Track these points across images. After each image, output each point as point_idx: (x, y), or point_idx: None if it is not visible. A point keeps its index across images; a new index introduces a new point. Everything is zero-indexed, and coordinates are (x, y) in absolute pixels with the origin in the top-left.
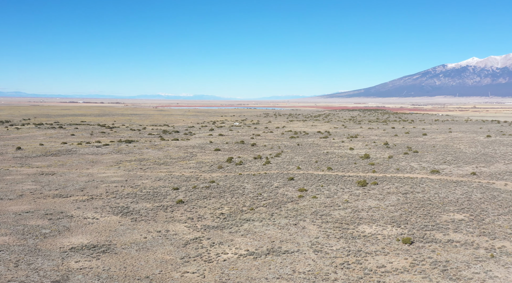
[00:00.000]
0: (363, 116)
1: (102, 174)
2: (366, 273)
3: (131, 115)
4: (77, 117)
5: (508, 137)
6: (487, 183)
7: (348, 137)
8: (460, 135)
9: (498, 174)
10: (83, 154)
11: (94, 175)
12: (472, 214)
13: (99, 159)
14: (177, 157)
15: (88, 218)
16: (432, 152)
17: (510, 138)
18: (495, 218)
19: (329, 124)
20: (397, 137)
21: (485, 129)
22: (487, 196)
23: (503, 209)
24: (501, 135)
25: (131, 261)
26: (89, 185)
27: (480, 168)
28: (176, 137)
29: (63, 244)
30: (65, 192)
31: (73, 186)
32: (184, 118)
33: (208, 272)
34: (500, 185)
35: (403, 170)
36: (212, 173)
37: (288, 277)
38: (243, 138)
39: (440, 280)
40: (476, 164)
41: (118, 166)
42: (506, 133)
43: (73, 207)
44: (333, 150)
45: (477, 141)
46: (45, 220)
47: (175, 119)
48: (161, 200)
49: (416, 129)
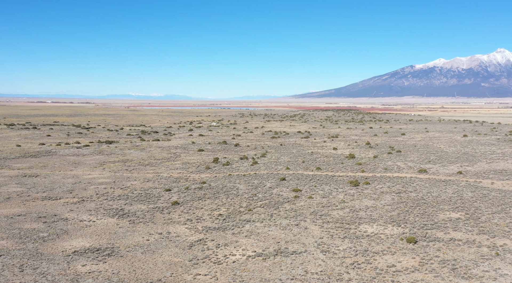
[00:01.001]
0: (338, 116)
1: (88, 176)
2: (378, 272)
3: (104, 115)
4: (49, 118)
5: (484, 136)
6: (474, 182)
7: (329, 137)
8: (438, 135)
9: (483, 173)
10: (64, 155)
11: (80, 177)
12: (468, 213)
13: (81, 160)
14: (161, 157)
15: (84, 220)
16: (415, 151)
17: (486, 137)
18: (490, 216)
19: (307, 125)
20: (377, 137)
21: (460, 129)
22: (478, 195)
23: (496, 207)
24: (476, 135)
25: (139, 264)
26: (77, 187)
27: (464, 167)
28: (157, 138)
29: (65, 248)
30: (53, 194)
31: (61, 188)
32: (159, 118)
33: (220, 274)
34: (487, 183)
35: (391, 169)
36: (200, 174)
37: (302, 278)
38: (225, 138)
39: (453, 279)
40: (460, 163)
41: (102, 167)
42: (481, 133)
43: (65, 209)
44: (317, 150)
45: (455, 141)
46: (40, 223)
47: (151, 120)
48: (155, 202)
49: (394, 129)
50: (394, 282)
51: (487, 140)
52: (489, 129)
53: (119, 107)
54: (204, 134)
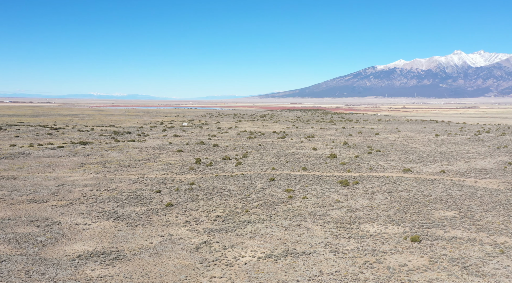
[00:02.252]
0: (307, 117)
1: (69, 178)
2: (392, 272)
3: (70, 115)
4: (11, 118)
5: (455, 136)
6: (459, 181)
7: (305, 137)
8: (410, 134)
9: (465, 172)
10: (39, 157)
11: (61, 179)
12: (461, 211)
13: (58, 162)
14: (140, 158)
15: (79, 224)
16: (393, 151)
17: (457, 137)
18: (483, 214)
19: (279, 125)
20: (352, 137)
21: (429, 128)
22: (466, 193)
23: (486, 205)
24: (447, 135)
25: (150, 267)
26: (62, 189)
27: (445, 166)
28: (131, 138)
29: (67, 252)
30: (38, 197)
31: (45, 191)
32: (128, 118)
33: (235, 276)
34: (471, 182)
35: (376, 169)
36: (186, 175)
37: (319, 279)
38: (201, 139)
39: (467, 277)
40: (440, 162)
41: (82, 169)
42: (452, 132)
43: (55, 212)
44: (297, 150)
45: (429, 140)
46: (34, 227)
47: (120, 120)
48: (148, 204)
49: (366, 129)
50: (410, 281)
51: (459, 140)
52: (458, 129)
53: (83, 107)
54: (179, 135)
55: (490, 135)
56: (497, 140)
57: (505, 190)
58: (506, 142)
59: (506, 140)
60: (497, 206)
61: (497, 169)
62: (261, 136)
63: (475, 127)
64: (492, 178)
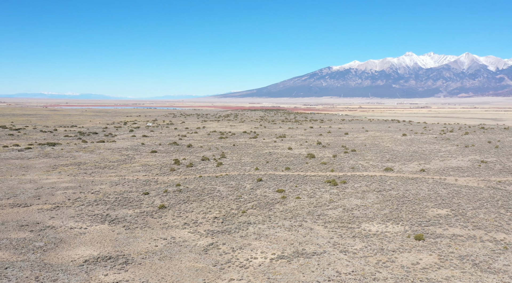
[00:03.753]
0: (271, 116)
1: (46, 180)
2: (407, 270)
3: (25, 115)
4: None
5: (421, 135)
6: (440, 179)
7: (277, 137)
8: (378, 134)
9: (442, 170)
10: (7, 159)
11: (38, 181)
12: (453, 209)
13: (29, 164)
14: (115, 160)
15: (74, 228)
16: (368, 150)
17: (424, 136)
18: (475, 212)
19: (246, 125)
20: (323, 137)
21: (394, 128)
22: (452, 192)
23: (474, 203)
24: (414, 134)
25: (164, 271)
26: (43, 192)
27: (423, 165)
28: (100, 139)
29: (72, 257)
30: (20, 200)
31: (24, 194)
32: (89, 119)
33: (254, 278)
34: (452, 180)
35: (357, 168)
36: (168, 176)
37: (339, 279)
38: (172, 139)
39: (481, 274)
40: (417, 161)
41: (57, 171)
42: (418, 132)
43: (44, 216)
44: (273, 150)
45: (399, 140)
46: (27, 232)
47: (80, 120)
48: (139, 206)
49: (334, 129)
50: (428, 279)
51: (427, 139)
52: (421, 128)
53: (36, 107)
54: (148, 135)
55: (455, 135)
56: (462, 140)
57: (486, 188)
58: (471, 141)
59: (471, 140)
60: (485, 204)
61: (472, 167)
62: (232, 137)
63: (437, 127)
64: (470, 176)
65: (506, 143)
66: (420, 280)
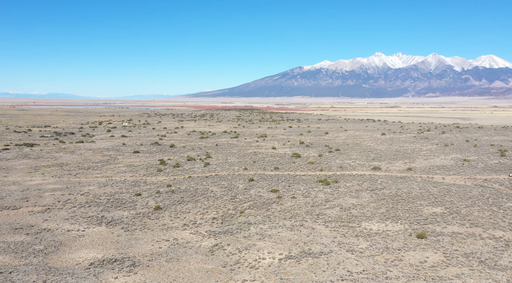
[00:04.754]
0: (247, 116)
1: (31, 182)
2: (416, 268)
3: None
4: None
5: (400, 135)
6: (428, 178)
7: (258, 137)
8: (358, 133)
9: (428, 169)
10: None
11: (23, 183)
12: (447, 207)
13: (9, 165)
14: (98, 160)
15: (71, 230)
16: (352, 150)
17: (402, 135)
18: (468, 209)
19: (224, 124)
20: (304, 137)
21: (371, 127)
22: (442, 190)
23: (465, 201)
24: (392, 133)
25: (173, 273)
26: (30, 194)
27: (408, 164)
28: (78, 139)
29: (76, 260)
30: (7, 202)
31: (11, 196)
32: (63, 119)
33: (267, 279)
34: (439, 178)
35: (345, 167)
36: (156, 177)
37: (352, 278)
38: (152, 139)
39: (490, 271)
40: (402, 160)
41: (40, 172)
42: (396, 131)
43: (37, 219)
44: (257, 150)
45: (379, 139)
46: (23, 235)
47: (53, 120)
48: (133, 207)
49: (313, 128)
50: (440, 277)
51: (406, 138)
52: (398, 127)
53: (3, 106)
54: (127, 135)
55: (432, 134)
56: (441, 139)
57: (473, 186)
58: (449, 140)
59: (449, 139)
60: (477, 202)
61: (456, 166)
62: (213, 136)
63: (414, 126)
64: (455, 174)
65: (483, 142)
66: (432, 279)
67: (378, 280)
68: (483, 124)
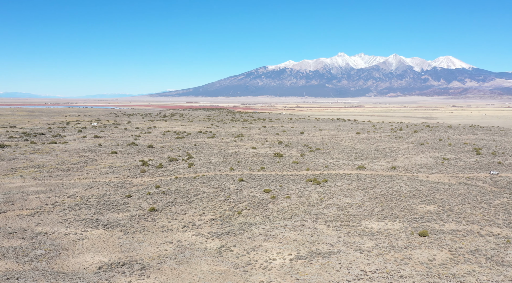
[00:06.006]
0: (217, 116)
1: (10, 184)
2: (427, 266)
3: None
4: None
5: (374, 134)
6: (413, 176)
7: (235, 137)
8: (333, 133)
9: (411, 168)
10: None
11: (2, 186)
12: (439, 205)
13: None
14: (76, 161)
15: (69, 233)
16: (331, 149)
17: (377, 134)
18: (460, 207)
19: (197, 124)
20: (281, 136)
21: (344, 127)
22: (430, 188)
23: (455, 199)
24: (366, 133)
25: (187, 275)
26: (13, 197)
27: (390, 163)
28: (50, 140)
29: (82, 264)
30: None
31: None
32: (26, 118)
33: (282, 280)
34: (424, 177)
35: (330, 167)
36: (141, 178)
37: (367, 277)
38: (127, 139)
39: (499, 268)
40: (383, 159)
41: (18, 174)
42: (370, 130)
43: (28, 223)
44: (238, 150)
45: (355, 138)
46: (18, 240)
47: (17, 120)
48: (127, 209)
49: (287, 128)
50: (453, 275)
51: (381, 137)
52: (370, 127)
53: None
54: (100, 136)
55: (405, 133)
56: (414, 138)
57: (458, 184)
58: (423, 139)
59: (422, 137)
60: (466, 199)
61: (436, 164)
62: (189, 137)
63: (385, 125)
64: (438, 172)
65: (456, 141)
66: (446, 276)
67: (394, 279)
68: (452, 124)
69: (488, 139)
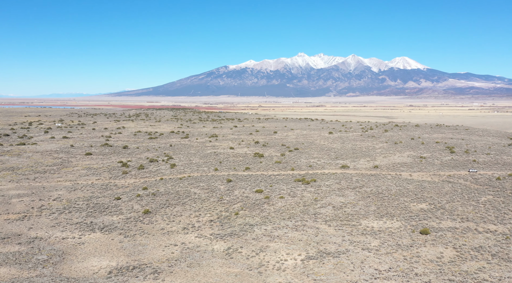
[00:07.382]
0: (184, 116)
1: None
2: (437, 264)
3: None
4: None
5: (346, 133)
6: (396, 175)
7: (209, 137)
8: (305, 132)
9: (392, 166)
10: None
11: None
12: (430, 203)
13: None
14: (51, 163)
15: (66, 238)
16: (309, 149)
17: (349, 134)
18: (451, 205)
19: (166, 124)
20: (255, 136)
21: (314, 126)
22: (417, 187)
23: (444, 196)
24: (338, 132)
25: (202, 278)
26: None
27: (371, 162)
28: (18, 141)
29: (90, 269)
30: None
31: None
32: None
33: (299, 280)
34: (407, 175)
35: (314, 166)
36: (125, 179)
37: (383, 276)
38: (98, 140)
39: (508, 264)
40: (363, 158)
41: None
42: (341, 130)
43: (19, 227)
44: (215, 150)
45: (329, 138)
46: (15, 245)
47: None
48: (120, 212)
49: (259, 127)
50: (466, 272)
51: (354, 136)
52: (340, 126)
53: None
54: (69, 137)
55: (376, 132)
56: (386, 137)
57: (442, 182)
58: (395, 138)
59: (394, 137)
60: (454, 197)
61: (415, 163)
62: (162, 137)
63: (354, 125)
64: (419, 171)
65: (427, 139)
66: (459, 273)
67: (409, 277)
68: (418, 123)
69: (457, 138)
